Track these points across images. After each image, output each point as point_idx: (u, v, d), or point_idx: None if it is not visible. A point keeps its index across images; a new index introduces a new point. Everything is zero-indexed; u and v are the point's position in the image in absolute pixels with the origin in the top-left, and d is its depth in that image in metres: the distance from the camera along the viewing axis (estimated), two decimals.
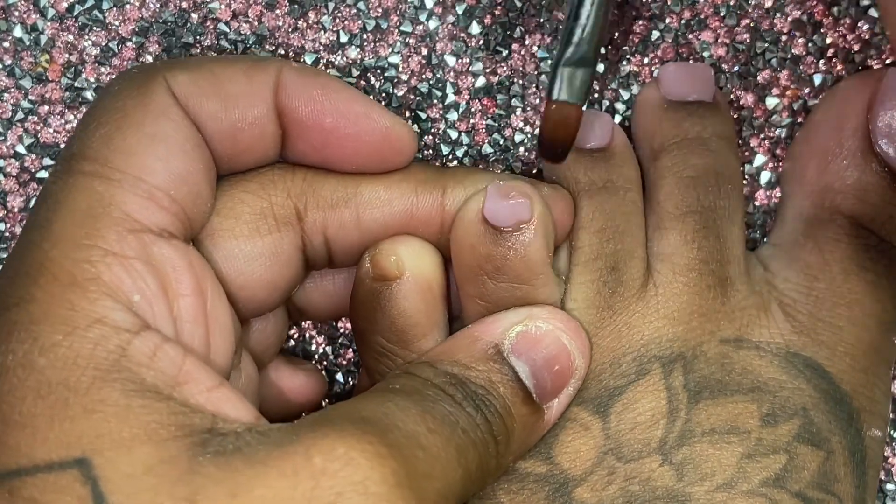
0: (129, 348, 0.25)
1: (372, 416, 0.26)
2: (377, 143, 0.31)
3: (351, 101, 0.31)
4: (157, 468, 0.23)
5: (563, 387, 0.31)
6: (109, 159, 0.27)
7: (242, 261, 0.30)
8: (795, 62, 0.36)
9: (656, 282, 0.33)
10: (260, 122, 0.30)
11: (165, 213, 0.27)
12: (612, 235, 0.33)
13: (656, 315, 0.32)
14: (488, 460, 0.29)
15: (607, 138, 0.34)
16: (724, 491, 0.31)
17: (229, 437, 0.24)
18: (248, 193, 0.31)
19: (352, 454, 0.24)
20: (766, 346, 0.32)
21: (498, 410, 0.29)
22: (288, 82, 0.30)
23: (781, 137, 0.36)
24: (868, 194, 0.33)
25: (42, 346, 0.24)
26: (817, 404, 0.32)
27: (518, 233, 0.31)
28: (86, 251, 0.26)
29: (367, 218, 0.31)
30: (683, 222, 0.33)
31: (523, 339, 0.30)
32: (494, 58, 0.36)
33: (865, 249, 0.33)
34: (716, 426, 0.31)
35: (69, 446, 0.23)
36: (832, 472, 0.31)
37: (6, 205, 0.36)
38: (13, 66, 0.35)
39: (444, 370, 0.29)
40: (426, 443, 0.26)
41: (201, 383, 0.26)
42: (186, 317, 0.27)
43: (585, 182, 0.33)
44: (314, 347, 0.37)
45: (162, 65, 0.29)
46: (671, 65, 0.35)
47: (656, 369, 0.32)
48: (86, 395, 0.24)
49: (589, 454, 0.31)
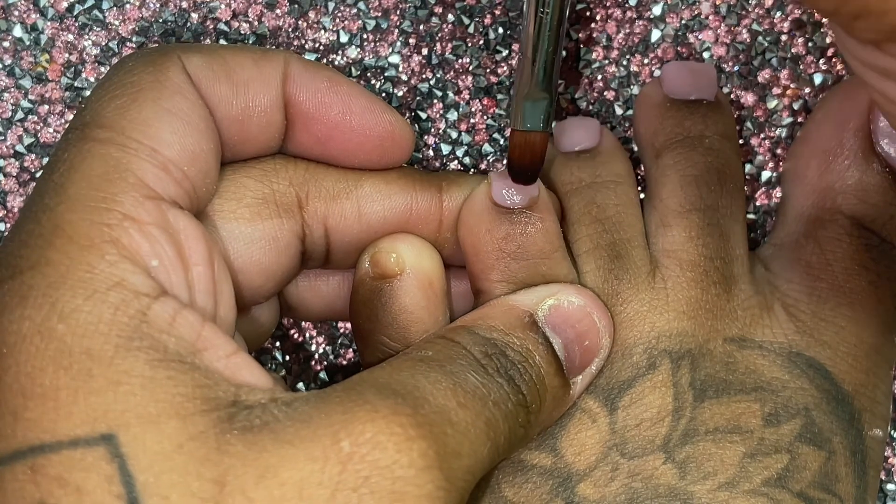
0: (149, 313, 0.24)
1: (403, 390, 0.26)
2: (380, 137, 0.31)
3: (356, 96, 0.31)
4: (185, 445, 0.23)
5: (590, 363, 0.31)
6: (126, 128, 0.27)
7: (242, 243, 0.30)
8: (796, 62, 0.36)
9: (664, 276, 0.33)
10: (268, 110, 0.30)
11: (178, 186, 0.27)
12: (607, 226, 0.33)
13: (667, 307, 0.32)
14: (517, 430, 0.28)
15: (595, 140, 0.34)
16: (726, 490, 0.31)
17: (255, 409, 0.24)
18: (251, 179, 0.31)
19: (379, 437, 0.24)
20: (769, 346, 0.32)
21: (533, 379, 0.29)
22: (295, 73, 0.30)
23: (782, 137, 0.36)
24: (869, 194, 0.33)
25: (61, 312, 0.24)
26: (819, 404, 0.32)
27: (532, 210, 0.31)
28: (103, 214, 0.25)
29: (367, 211, 0.31)
30: (687, 219, 0.33)
31: (556, 312, 0.31)
32: (494, 58, 0.36)
33: (867, 249, 0.33)
34: (719, 425, 0.31)
35: (95, 421, 0.23)
36: (833, 472, 0.31)
37: (6, 205, 0.36)
38: (13, 65, 0.35)
39: (484, 336, 0.29)
40: (456, 419, 0.26)
41: (220, 349, 0.25)
42: (200, 286, 0.27)
43: (572, 181, 0.34)
44: (314, 347, 0.37)
45: (176, 46, 0.29)
46: (674, 63, 0.35)
47: (665, 364, 0.32)
48: (110, 365, 0.23)
49: (594, 448, 0.31)
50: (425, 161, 0.36)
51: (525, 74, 0.30)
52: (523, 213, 0.31)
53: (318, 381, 0.37)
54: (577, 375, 0.31)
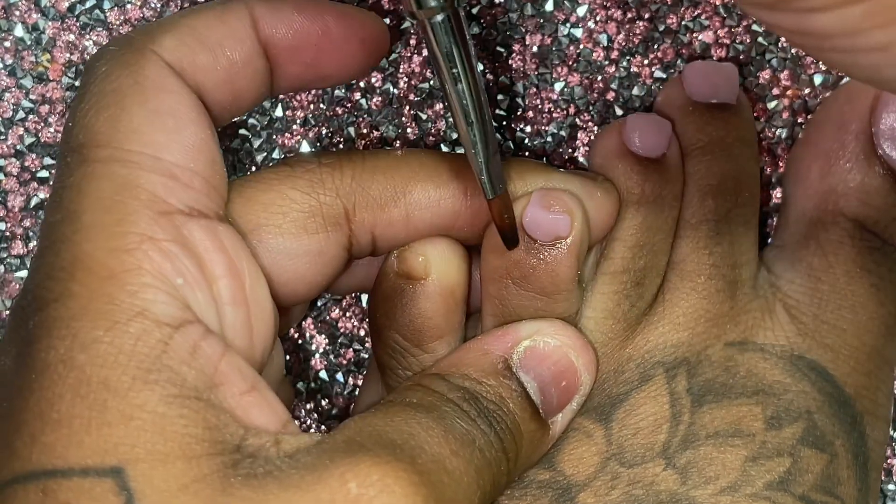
0: (170, 343, 0.24)
1: (399, 439, 0.26)
2: (360, 38, 0.31)
3: (325, 9, 0.30)
4: (191, 486, 0.23)
5: (569, 402, 0.31)
6: (122, 142, 0.26)
7: (287, 258, 0.30)
8: (795, 62, 0.36)
9: (664, 288, 0.33)
10: (250, 59, 0.29)
11: (189, 189, 0.27)
12: (645, 252, 0.33)
13: (661, 321, 0.32)
14: (500, 478, 0.29)
15: (664, 147, 0.33)
16: (728, 494, 0.31)
17: (259, 460, 0.24)
18: (297, 191, 0.30)
19: (387, 481, 0.24)
20: (770, 349, 0.32)
21: (509, 427, 0.29)
22: (262, 14, 0.30)
23: (782, 138, 0.36)
24: (871, 197, 0.33)
25: (82, 343, 0.24)
26: (821, 407, 0.32)
27: (552, 248, 0.31)
28: (120, 239, 0.25)
29: (416, 218, 0.31)
30: (697, 230, 0.33)
31: (531, 354, 0.31)
32: (494, 58, 0.36)
33: (869, 252, 0.33)
34: (720, 429, 0.31)
35: (106, 453, 0.23)
36: (836, 475, 0.32)
37: (6, 204, 0.36)
38: (14, 65, 0.35)
39: (457, 384, 0.29)
40: (451, 467, 0.26)
41: (234, 386, 0.25)
42: (226, 299, 0.27)
43: (638, 193, 0.33)
44: (314, 347, 0.37)
45: (142, 36, 0.28)
46: (696, 64, 0.35)
47: (659, 375, 0.32)
48: (125, 398, 0.24)
49: (592, 460, 0.31)
50: None
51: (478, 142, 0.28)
52: (543, 248, 0.31)
53: (318, 381, 0.37)
54: (556, 415, 0.31)
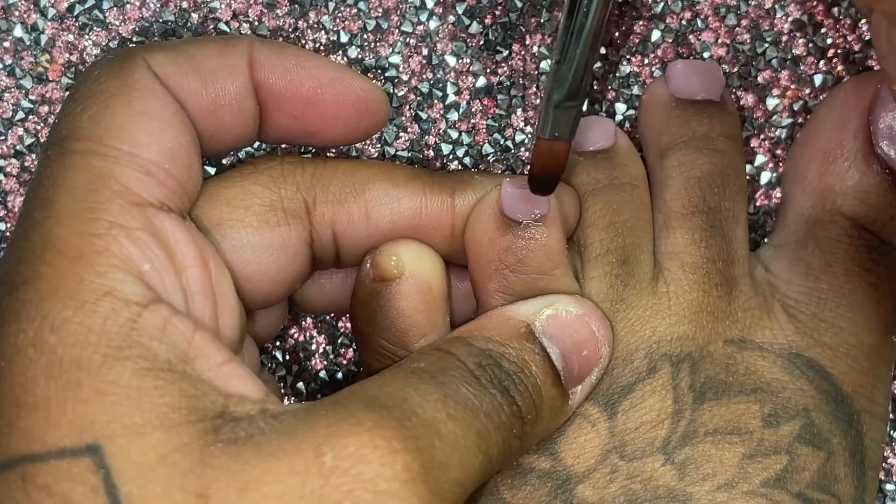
0: (139, 321, 0.24)
1: (390, 402, 0.26)
2: (354, 105, 0.31)
3: (324, 68, 0.31)
4: (169, 457, 0.23)
5: (589, 373, 0.31)
6: (102, 137, 0.27)
7: (250, 251, 0.30)
8: (796, 62, 0.36)
9: (666, 279, 0.33)
10: (239, 96, 0.30)
11: (162, 186, 0.27)
12: (620, 230, 0.33)
13: (668, 311, 0.32)
14: (511, 442, 0.28)
15: (610, 140, 0.34)
16: (725, 491, 0.31)
17: (242, 422, 0.24)
18: (259, 186, 0.31)
19: (363, 451, 0.24)
20: (769, 347, 0.32)
21: (529, 390, 0.29)
22: (261, 56, 0.30)
23: (781, 138, 0.36)
24: (869, 196, 0.33)
25: (52, 324, 0.24)
26: (819, 405, 0.32)
27: (537, 225, 0.31)
28: (91, 224, 0.25)
29: (375, 215, 0.31)
30: (690, 221, 0.33)
31: (554, 322, 0.31)
32: (495, 58, 0.36)
33: (867, 251, 0.33)
34: (719, 427, 0.31)
35: (82, 431, 0.23)
36: (832, 473, 0.32)
37: (6, 205, 0.36)
38: (13, 65, 0.35)
39: (479, 347, 0.29)
40: (444, 430, 0.26)
41: (211, 358, 0.25)
42: (195, 288, 0.27)
43: (590, 181, 0.33)
44: (314, 347, 0.37)
45: (139, 47, 0.29)
46: (679, 62, 0.35)
47: (665, 368, 0.32)
48: (97, 375, 0.24)
49: (593, 452, 0.31)
50: (425, 161, 0.36)
51: (557, 80, 0.29)
52: (528, 227, 0.31)
53: (318, 381, 0.37)
54: (577, 385, 0.31)
